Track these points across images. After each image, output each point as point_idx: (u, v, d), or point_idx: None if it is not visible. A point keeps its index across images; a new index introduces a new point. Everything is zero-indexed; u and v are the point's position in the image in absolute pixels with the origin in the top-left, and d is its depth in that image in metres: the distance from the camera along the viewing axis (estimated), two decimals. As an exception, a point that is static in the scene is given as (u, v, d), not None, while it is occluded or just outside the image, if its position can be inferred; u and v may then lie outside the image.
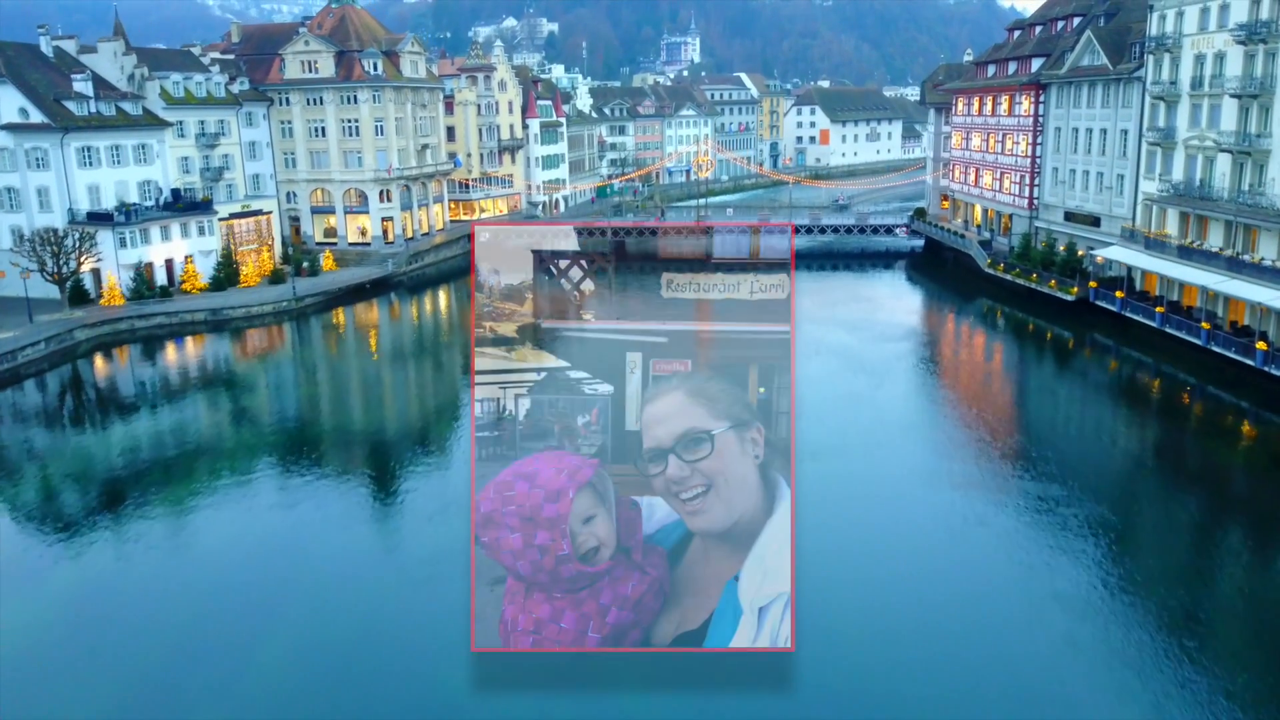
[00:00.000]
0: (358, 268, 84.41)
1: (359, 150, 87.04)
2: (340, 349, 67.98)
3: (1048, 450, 43.64)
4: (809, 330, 65.82)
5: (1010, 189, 77.28)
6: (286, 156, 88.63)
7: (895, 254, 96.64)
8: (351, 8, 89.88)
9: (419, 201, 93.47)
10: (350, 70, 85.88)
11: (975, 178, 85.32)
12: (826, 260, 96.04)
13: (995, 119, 79.78)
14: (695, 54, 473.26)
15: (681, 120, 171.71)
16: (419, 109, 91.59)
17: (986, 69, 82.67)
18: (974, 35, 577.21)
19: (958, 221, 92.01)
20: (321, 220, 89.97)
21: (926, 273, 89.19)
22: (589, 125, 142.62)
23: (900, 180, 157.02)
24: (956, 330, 71.19)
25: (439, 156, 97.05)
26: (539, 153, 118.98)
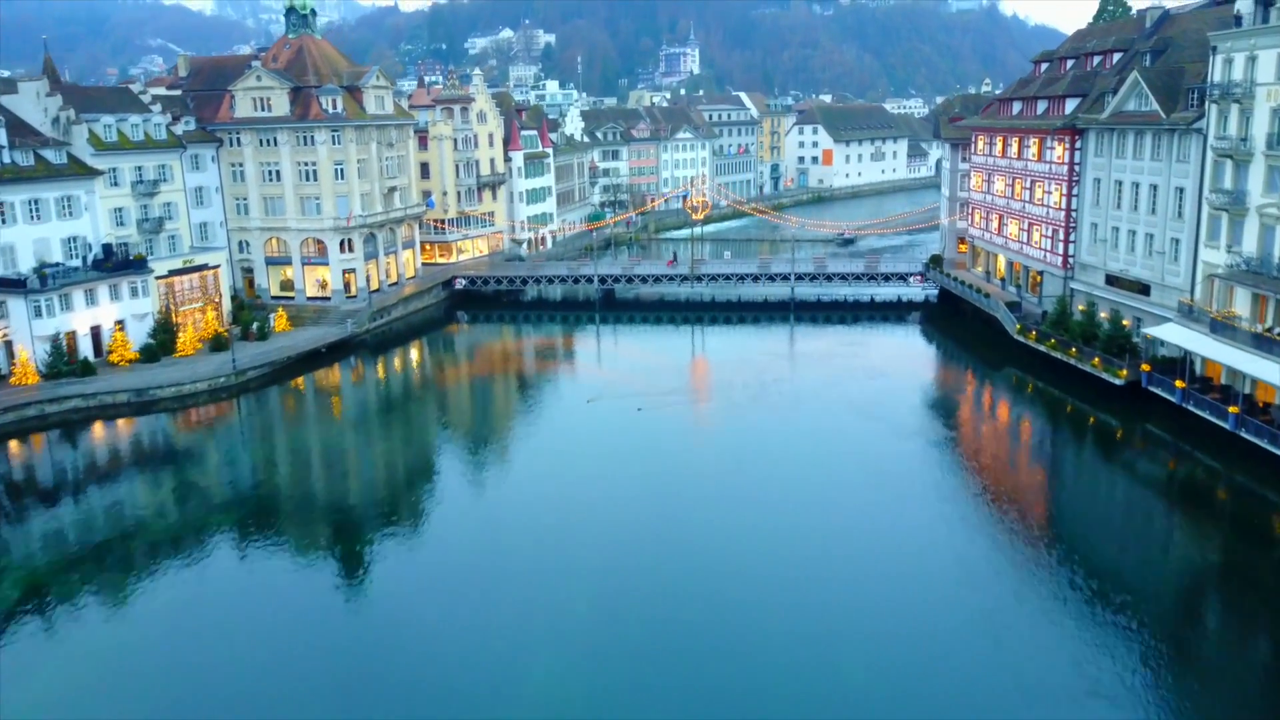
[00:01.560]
0: (315, 327, 76.14)
1: (317, 196, 78.81)
2: (282, 434, 59.52)
3: (1093, 562, 38.27)
4: (810, 417, 57.93)
5: (1041, 243, 68.99)
6: (238, 202, 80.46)
7: (908, 304, 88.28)
8: (310, 38, 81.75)
9: (386, 249, 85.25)
10: (307, 108, 77.71)
11: (999, 225, 77.04)
12: (833, 311, 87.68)
13: (1022, 163, 71.52)
14: (694, 65, 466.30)
15: (678, 143, 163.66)
16: (385, 148, 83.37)
17: (1010, 106, 74.45)
18: (977, 44, 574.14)
19: (977, 271, 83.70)
20: (277, 272, 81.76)
21: (944, 329, 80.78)
22: (578, 154, 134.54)
23: (909, 214, 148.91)
24: (983, 407, 62.73)
25: (409, 198, 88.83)
26: (523, 187, 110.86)
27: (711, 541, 40.94)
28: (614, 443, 54.07)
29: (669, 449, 52.90)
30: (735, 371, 71.03)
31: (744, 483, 47.46)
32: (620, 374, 72.10)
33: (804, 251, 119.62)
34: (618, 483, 47.97)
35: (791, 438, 54.01)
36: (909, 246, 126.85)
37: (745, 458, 51.01)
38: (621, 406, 59.32)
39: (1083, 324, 59.35)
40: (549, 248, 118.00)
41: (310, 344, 71.28)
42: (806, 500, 45.21)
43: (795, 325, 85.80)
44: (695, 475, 48.87)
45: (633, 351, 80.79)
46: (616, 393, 65.08)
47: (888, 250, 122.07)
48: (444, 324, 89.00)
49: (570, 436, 56.14)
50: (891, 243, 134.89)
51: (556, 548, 40.43)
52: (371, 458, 54.92)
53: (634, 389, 65.54)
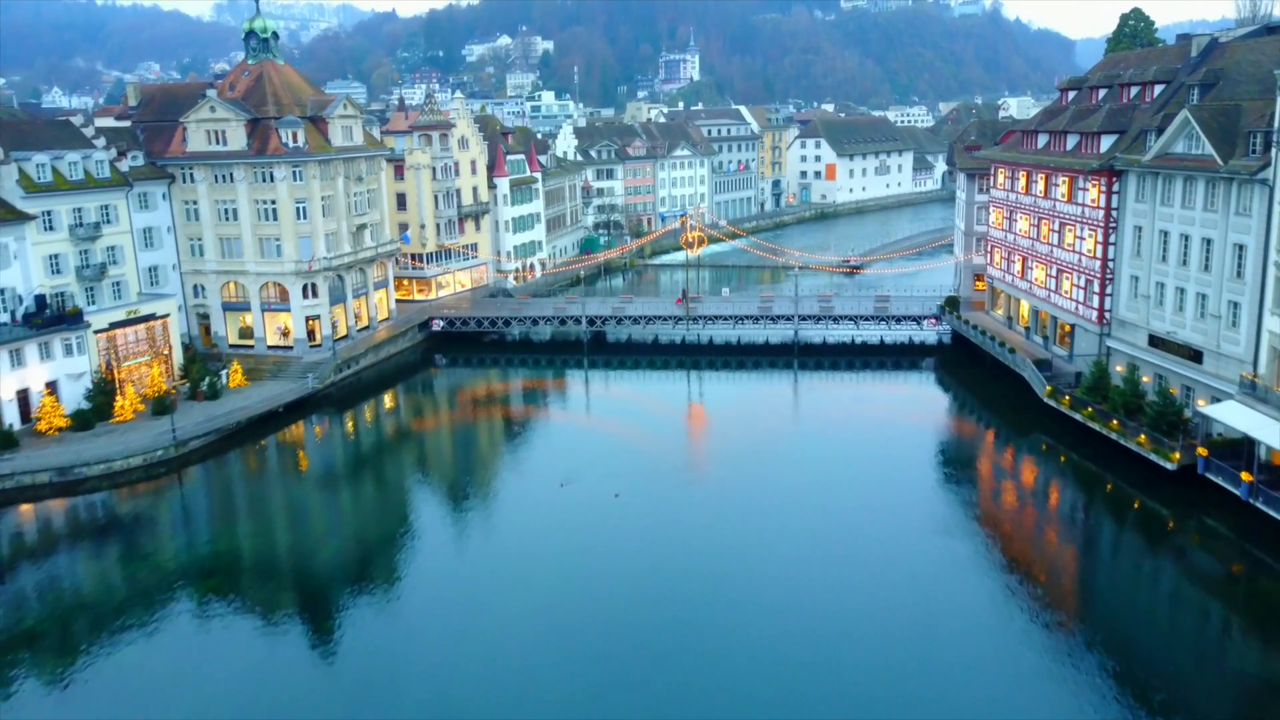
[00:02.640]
0: (274, 382, 69.53)
1: (277, 237, 72.22)
2: (224, 518, 52.73)
3: (1135, 656, 35.75)
4: (815, 493, 51.88)
5: (1071, 293, 62.29)
6: (192, 243, 73.90)
7: (920, 347, 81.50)
8: (272, 64, 75.15)
9: (356, 291, 78.64)
10: (265, 142, 71.13)
11: (1022, 269, 70.37)
12: (840, 356, 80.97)
13: (1050, 202, 64.87)
14: (694, 72, 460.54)
15: (676, 161, 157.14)
16: (353, 183, 76.78)
17: (1035, 139, 67.77)
18: (980, 49, 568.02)
19: (997, 314, 77.02)
20: (236, 318, 75.16)
21: (962, 380, 74.01)
22: (570, 176, 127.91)
23: (917, 237, 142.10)
24: (1009, 479, 56.00)
25: (382, 235, 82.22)
26: (509, 215, 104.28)
27: (708, 644, 37.15)
28: (588, 536, 47.88)
29: (650, 538, 47.18)
30: (732, 428, 65.81)
31: (740, 571, 43.14)
32: (607, 428, 67.21)
33: (808, 280, 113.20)
34: (595, 574, 43.71)
35: (793, 517, 48.74)
36: (918, 273, 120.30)
37: (741, 542, 46.16)
38: (598, 491, 52.37)
39: (1124, 393, 52.57)
40: (538, 277, 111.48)
41: (266, 404, 64.61)
42: (810, 584, 41.60)
43: (799, 372, 79.32)
44: (682, 567, 43.88)
45: (623, 402, 74.63)
46: (599, 452, 60.36)
47: (897, 277, 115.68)
48: (421, 368, 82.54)
49: (544, 519, 50.04)
50: (899, 266, 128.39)
51: (535, 619, 39.14)
52: (326, 540, 48.49)
53: (618, 452, 60.72)
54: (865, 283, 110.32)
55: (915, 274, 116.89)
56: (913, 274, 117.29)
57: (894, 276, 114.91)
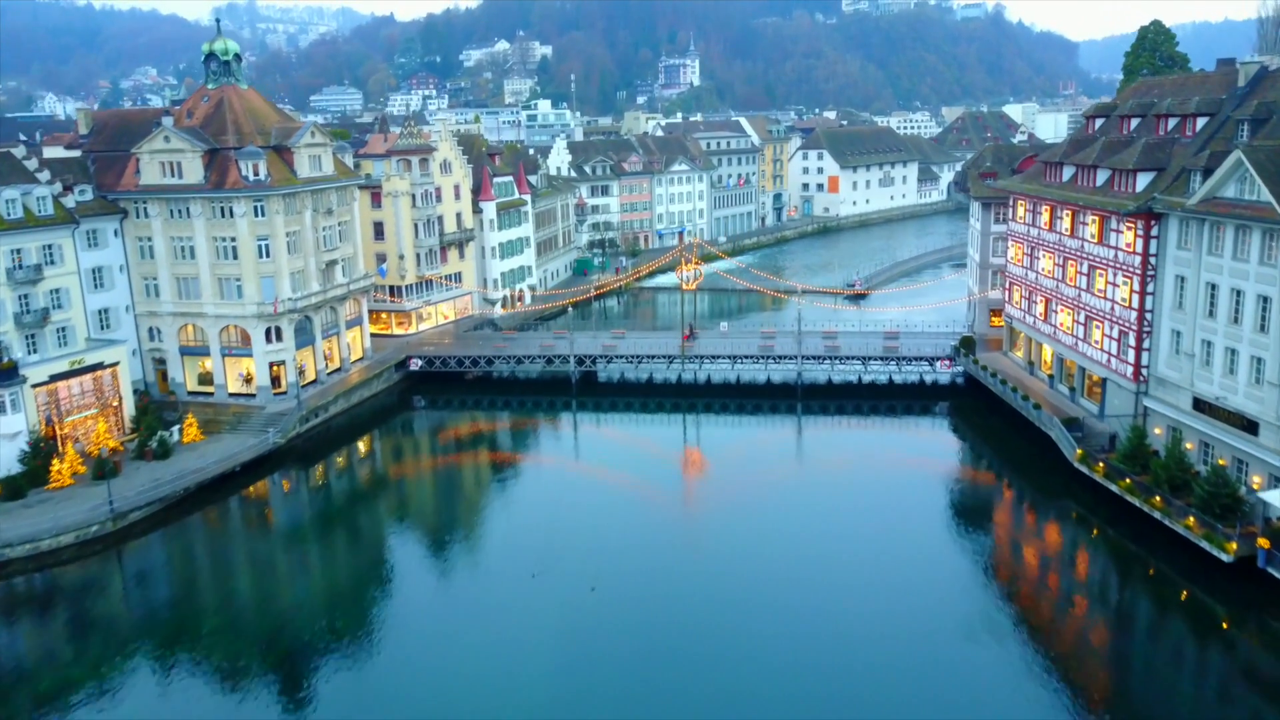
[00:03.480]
0: (232, 436, 64.00)
1: (237, 277, 66.70)
2: (167, 603, 47.18)
3: None
4: (815, 549, 48.68)
5: (1103, 344, 56.69)
6: (147, 283, 68.43)
7: (932, 389, 75.87)
8: (233, 89, 69.64)
9: (325, 331, 73.15)
10: (224, 174, 65.63)
11: (1045, 311, 64.79)
12: (846, 399, 75.38)
13: (1077, 242, 59.31)
14: (694, 77, 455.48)
15: (673, 176, 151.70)
16: (322, 216, 71.27)
17: (1060, 171, 62.18)
18: (983, 53, 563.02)
19: (1016, 356, 71.46)
20: (194, 363, 69.69)
21: (979, 429, 68.36)
22: (561, 195, 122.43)
23: (926, 256, 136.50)
24: (1035, 551, 50.35)
25: (355, 270, 76.71)
26: (496, 240, 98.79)
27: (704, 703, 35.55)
28: (575, 593, 45.22)
29: (643, 595, 44.92)
30: (731, 476, 61.62)
31: (739, 627, 41.10)
32: (597, 476, 63.19)
33: (811, 306, 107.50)
34: (584, 630, 41.98)
35: (795, 573, 46.44)
36: (927, 297, 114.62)
37: (740, 598, 43.87)
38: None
39: (1168, 466, 46.95)
40: (527, 303, 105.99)
41: (220, 465, 59.03)
42: (814, 647, 39.46)
43: (802, 416, 73.84)
44: (677, 623, 41.96)
45: (614, 446, 69.95)
46: (589, 503, 56.84)
47: (905, 302, 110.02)
48: (398, 412, 77.02)
49: (528, 580, 46.70)
50: (905, 286, 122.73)
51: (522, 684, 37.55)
52: (287, 625, 43.10)
53: (608, 502, 57.45)
54: (872, 312, 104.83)
55: (924, 298, 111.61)
56: (921, 298, 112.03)
57: (902, 302, 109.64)
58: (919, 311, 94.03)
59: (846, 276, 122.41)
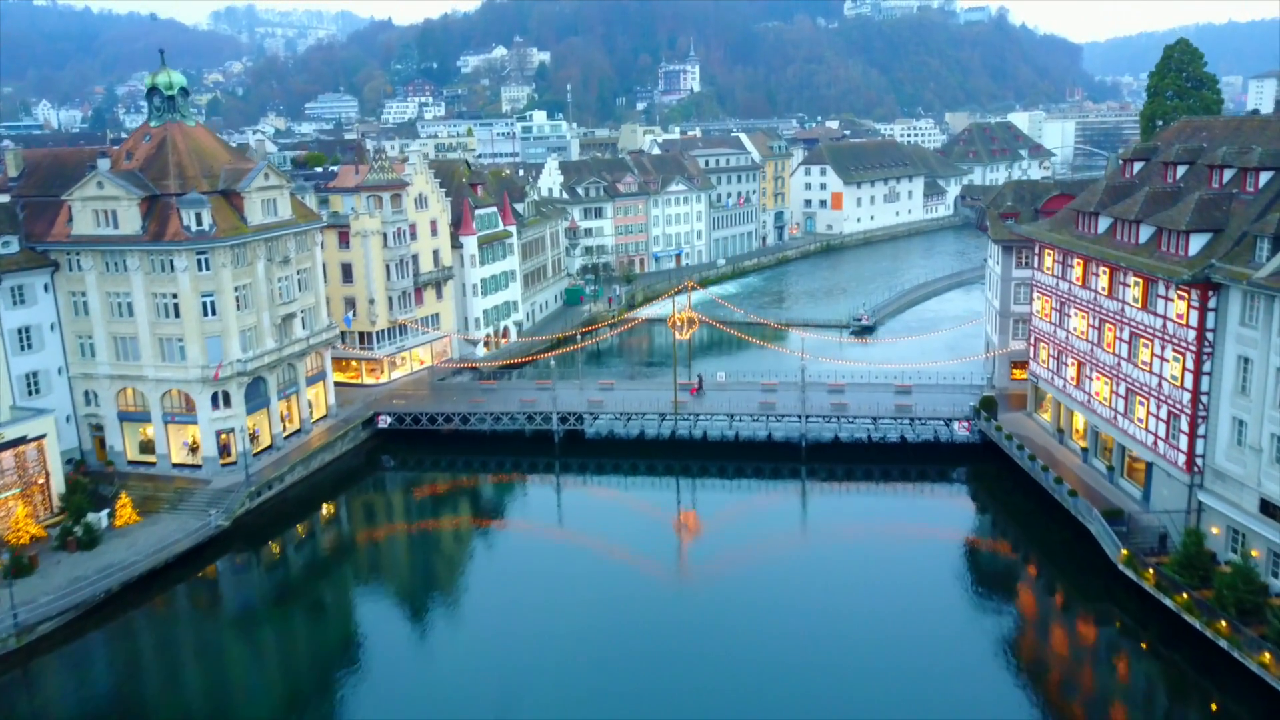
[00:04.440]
0: (172, 516, 57.41)
1: (179, 337, 60.11)
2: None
3: None
4: (820, 630, 45.18)
5: (1148, 422, 50.01)
6: (82, 342, 61.86)
7: (948, 449, 68.97)
8: (178, 127, 63.03)
9: (283, 391, 66.59)
10: (164, 224, 59.05)
11: (1078, 375, 58.13)
12: (855, 462, 68.71)
13: (1116, 304, 52.67)
14: (695, 83, 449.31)
15: (670, 197, 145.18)
16: (278, 266, 64.69)
17: (1095, 221, 55.49)
18: (986, 57, 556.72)
19: (1043, 418, 64.82)
20: (135, 430, 63.11)
21: (1003, 501, 61.66)
22: (551, 222, 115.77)
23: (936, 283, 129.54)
24: (1065, 654, 43.90)
25: (318, 320, 70.13)
26: (478, 277, 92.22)
27: None
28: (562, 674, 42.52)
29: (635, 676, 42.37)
30: (729, 547, 56.79)
31: None
32: (581, 546, 58.23)
33: (815, 340, 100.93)
34: None
35: (798, 655, 43.13)
36: (938, 322, 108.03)
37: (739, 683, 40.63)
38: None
39: (1235, 584, 40.22)
40: (513, 340, 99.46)
41: (154, 556, 52.39)
42: None
43: (807, 481, 67.40)
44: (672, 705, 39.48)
45: (598, 516, 64.07)
46: (572, 577, 53.16)
47: (917, 342, 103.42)
48: (365, 474, 70.63)
49: (506, 664, 43.64)
50: (914, 314, 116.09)
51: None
52: None
53: (595, 576, 53.33)
54: (882, 353, 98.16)
55: (935, 332, 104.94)
56: (932, 331, 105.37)
57: (913, 338, 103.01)
58: (932, 349, 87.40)
59: (852, 308, 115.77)
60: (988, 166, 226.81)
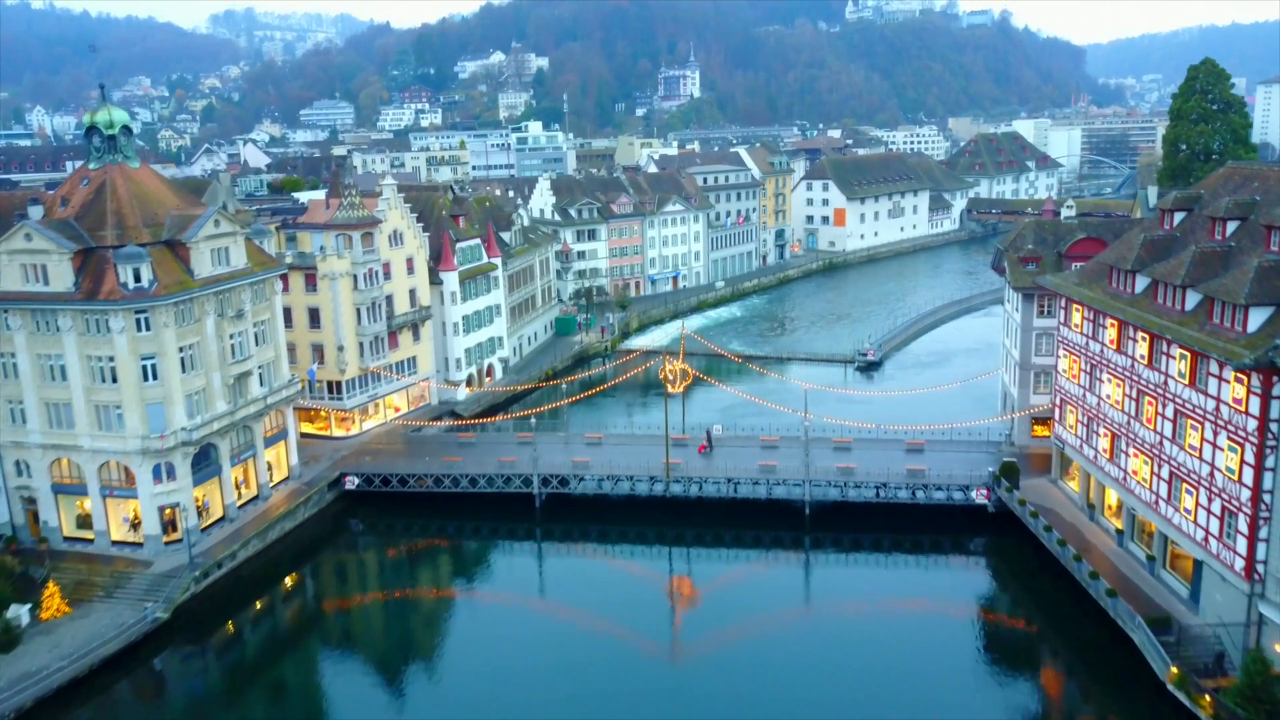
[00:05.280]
0: (107, 606, 51.68)
1: (117, 404, 54.43)
2: None
3: None
4: None
5: (1197, 515, 44.23)
6: (12, 407, 56.19)
7: (963, 515, 62.93)
8: (120, 169, 57.28)
9: (237, 456, 60.89)
10: (99, 280, 53.35)
11: (1111, 448, 52.36)
12: (864, 530, 62.90)
13: (1158, 375, 46.92)
14: (695, 88, 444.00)
15: (667, 217, 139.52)
16: (231, 321, 58.99)
17: (1132, 280, 49.72)
18: (990, 61, 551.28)
19: (1070, 488, 59.04)
20: (71, 503, 57.44)
21: (1024, 582, 55.78)
22: (540, 250, 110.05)
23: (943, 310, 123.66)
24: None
25: (277, 375, 64.44)
26: (459, 314, 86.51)
27: None
28: None
29: None
30: (725, 624, 52.70)
31: None
32: (559, 630, 53.14)
33: (816, 370, 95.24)
34: None
35: None
36: (947, 358, 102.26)
37: None
38: None
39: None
40: (498, 378, 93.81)
41: (78, 661, 46.70)
42: None
43: (811, 551, 61.87)
44: None
45: (584, 587, 58.94)
46: (552, 660, 49.41)
47: (923, 372, 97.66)
48: (330, 541, 65.16)
49: None
50: (923, 344, 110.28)
51: None
52: None
53: (578, 656, 49.52)
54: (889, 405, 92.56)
55: (945, 369, 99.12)
56: (942, 368, 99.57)
57: (921, 372, 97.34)
58: (945, 401, 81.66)
59: (856, 339, 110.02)
60: (994, 179, 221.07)
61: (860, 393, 73.30)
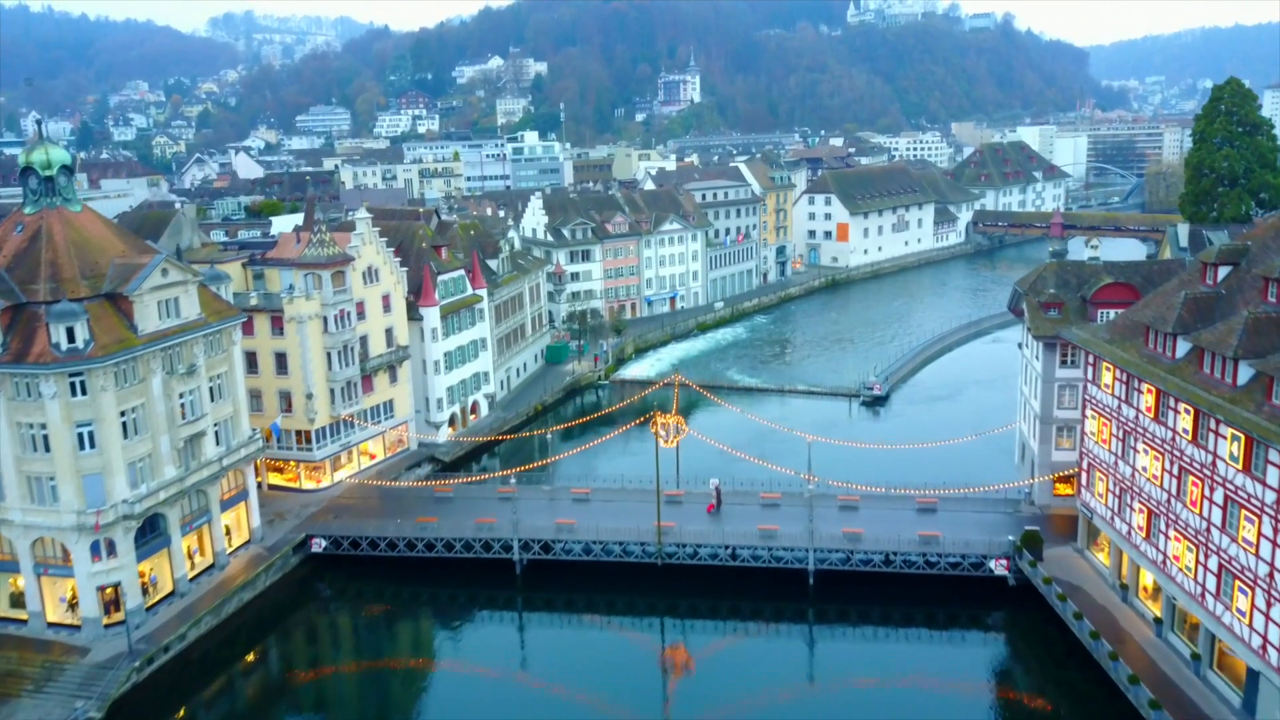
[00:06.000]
0: (34, 702, 46.61)
1: (50, 476, 49.43)
2: None
3: None
4: None
5: (1252, 617, 39.15)
6: (-62, 477, 51.23)
7: (981, 586, 57.66)
8: (58, 214, 52.26)
9: (190, 524, 55.86)
10: (29, 340, 48.34)
11: (1147, 525, 47.30)
12: (871, 601, 57.77)
13: (1204, 454, 41.87)
14: (695, 93, 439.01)
15: (664, 237, 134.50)
16: (181, 379, 53.99)
17: (1173, 344, 44.65)
18: (992, 65, 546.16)
19: (1099, 560, 53.97)
20: (4, 580, 52.42)
21: (1049, 670, 50.59)
22: (530, 276, 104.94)
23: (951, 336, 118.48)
24: None
25: (235, 432, 59.41)
26: (441, 351, 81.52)
27: None
28: None
29: None
30: (720, 711, 47.89)
31: None
32: (542, 706, 49.38)
33: (818, 409, 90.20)
34: None
35: None
36: (958, 388, 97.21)
37: None
38: None
39: None
40: (484, 415, 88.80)
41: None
42: None
43: (815, 624, 57.03)
44: None
45: (568, 660, 54.47)
46: None
47: (932, 406, 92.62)
48: (294, 610, 60.23)
49: None
50: (934, 374, 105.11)
51: None
52: None
53: None
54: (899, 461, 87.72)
55: (955, 402, 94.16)
56: (953, 401, 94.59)
57: (931, 407, 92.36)
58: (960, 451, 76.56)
59: (860, 365, 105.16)
60: (1000, 190, 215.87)
61: (867, 445, 67.87)
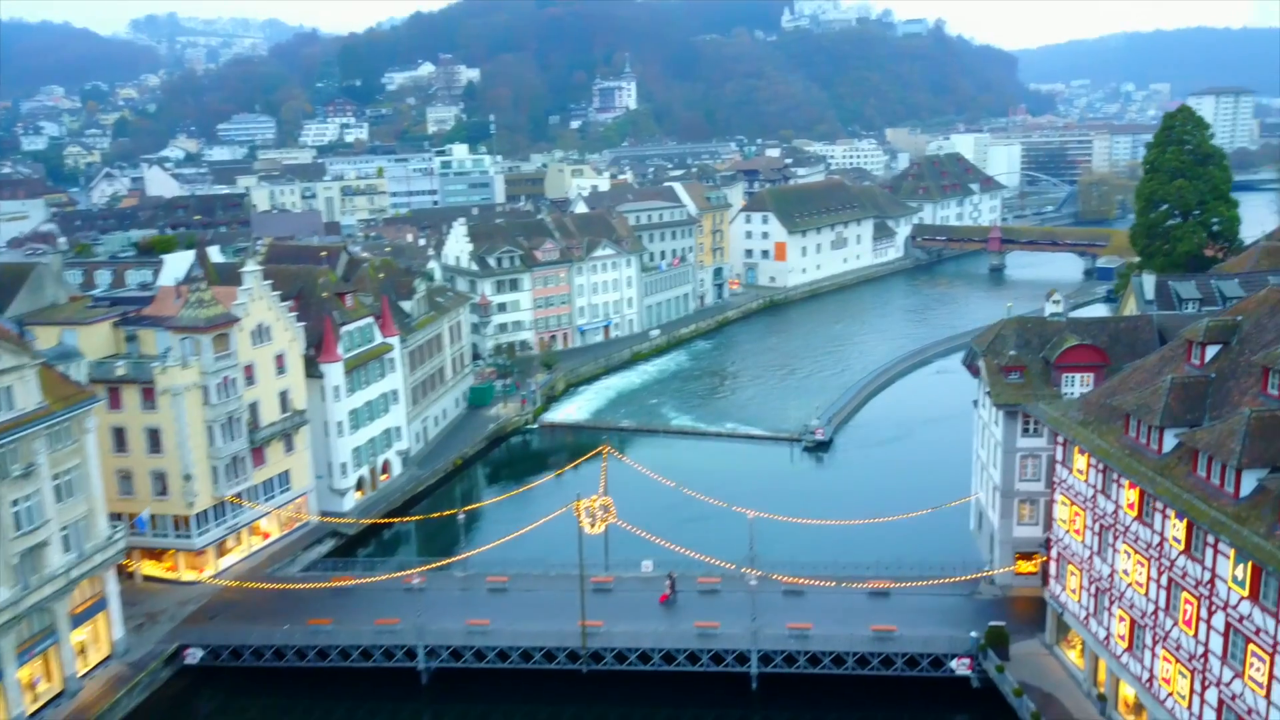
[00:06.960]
0: None
1: None
2: None
3: None
4: None
5: (1262, 772, 33.71)
6: None
7: (942, 687, 52.02)
8: None
9: (29, 651, 47.64)
10: None
11: (1129, 637, 41.85)
12: (823, 703, 51.65)
13: (1198, 567, 36.46)
14: (631, 100, 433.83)
15: (596, 263, 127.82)
16: (15, 483, 45.80)
17: (1160, 437, 39.17)
18: (927, 71, 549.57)
19: (1071, 660, 48.51)
20: None
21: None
22: (450, 315, 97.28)
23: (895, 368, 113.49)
24: None
25: (90, 536, 51.19)
26: (345, 411, 73.81)
27: None
28: None
29: None
30: None
31: None
32: None
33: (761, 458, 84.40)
34: None
35: None
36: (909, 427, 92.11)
37: None
38: None
39: None
40: (397, 474, 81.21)
41: None
42: None
43: (760, 732, 50.76)
44: None
45: None
46: None
47: (878, 455, 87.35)
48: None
49: None
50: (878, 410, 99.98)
51: None
52: None
53: None
54: (839, 478, 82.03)
55: (903, 446, 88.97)
56: (900, 445, 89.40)
57: (879, 459, 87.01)
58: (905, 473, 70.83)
59: (802, 402, 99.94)
60: (938, 203, 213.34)
61: (812, 522, 61.74)
